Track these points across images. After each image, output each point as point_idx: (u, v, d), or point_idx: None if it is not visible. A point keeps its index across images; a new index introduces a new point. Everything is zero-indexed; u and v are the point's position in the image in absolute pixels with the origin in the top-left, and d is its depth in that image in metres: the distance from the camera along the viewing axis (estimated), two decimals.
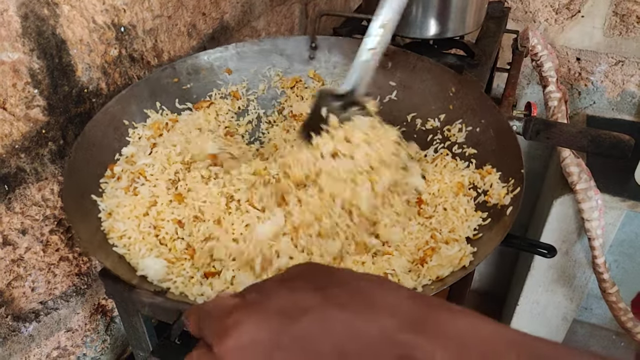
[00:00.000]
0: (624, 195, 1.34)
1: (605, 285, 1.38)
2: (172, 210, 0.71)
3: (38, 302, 0.77)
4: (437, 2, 1.09)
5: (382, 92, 0.95)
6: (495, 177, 0.73)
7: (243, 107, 0.96)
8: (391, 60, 0.94)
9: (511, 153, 0.72)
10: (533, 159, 1.86)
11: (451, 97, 0.86)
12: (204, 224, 0.69)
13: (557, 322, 1.64)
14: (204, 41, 1.03)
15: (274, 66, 0.99)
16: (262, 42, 0.97)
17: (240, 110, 0.95)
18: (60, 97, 0.73)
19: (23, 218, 0.71)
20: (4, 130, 0.66)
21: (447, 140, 0.85)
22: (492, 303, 2.09)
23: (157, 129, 0.83)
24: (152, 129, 0.83)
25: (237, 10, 1.12)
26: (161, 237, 0.69)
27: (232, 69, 0.96)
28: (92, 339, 0.90)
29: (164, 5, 0.89)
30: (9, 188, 0.68)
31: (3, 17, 0.62)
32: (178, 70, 0.90)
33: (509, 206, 0.68)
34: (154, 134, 0.83)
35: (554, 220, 1.42)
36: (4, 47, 0.63)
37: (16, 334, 0.74)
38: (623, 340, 1.92)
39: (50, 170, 0.74)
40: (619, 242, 1.67)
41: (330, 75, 0.99)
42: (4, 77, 0.64)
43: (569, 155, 1.34)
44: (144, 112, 0.85)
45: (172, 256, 0.67)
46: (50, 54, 0.69)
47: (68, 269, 0.81)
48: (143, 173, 0.75)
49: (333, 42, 0.98)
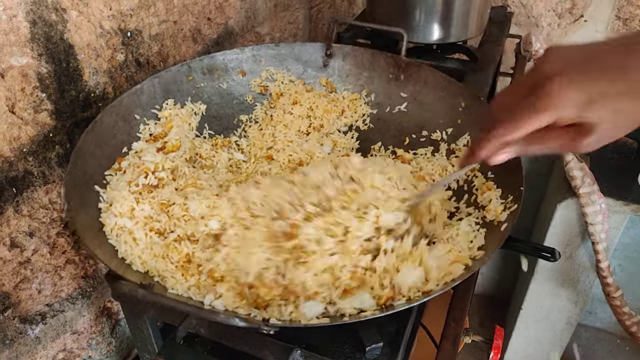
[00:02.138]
0: (628, 199, 1.34)
1: (610, 290, 1.38)
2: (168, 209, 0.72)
3: (44, 304, 0.77)
4: (440, 7, 1.10)
5: (393, 102, 0.96)
6: (495, 193, 0.73)
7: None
8: (404, 72, 0.95)
9: (512, 170, 0.72)
10: (536, 162, 1.86)
11: (460, 112, 0.87)
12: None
13: (561, 326, 1.63)
14: (208, 46, 1.04)
15: (289, 70, 1.00)
16: (278, 46, 0.98)
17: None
18: (67, 101, 0.74)
19: (30, 221, 0.72)
20: (13, 134, 0.66)
21: (452, 153, 0.85)
22: (495, 307, 2.08)
23: (169, 127, 0.84)
24: (165, 126, 0.84)
25: (242, 15, 1.13)
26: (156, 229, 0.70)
27: (246, 71, 0.97)
28: (97, 341, 0.90)
29: (169, 10, 0.90)
30: (17, 191, 0.69)
31: (12, 23, 0.63)
32: (193, 69, 0.91)
33: (504, 222, 0.67)
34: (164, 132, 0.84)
35: (557, 224, 1.42)
36: (13, 52, 0.64)
37: (23, 336, 0.74)
38: (628, 345, 1.91)
39: (58, 174, 0.74)
40: (623, 246, 1.66)
41: (342, 82, 1.00)
42: (13, 81, 0.65)
43: (572, 159, 1.34)
44: (155, 108, 0.86)
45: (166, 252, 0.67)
46: (58, 58, 0.70)
47: (74, 272, 0.81)
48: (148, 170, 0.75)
49: (348, 50, 0.99)
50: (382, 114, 0.96)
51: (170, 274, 0.64)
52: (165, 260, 0.66)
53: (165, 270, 0.64)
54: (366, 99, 0.98)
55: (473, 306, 2.05)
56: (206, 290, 0.62)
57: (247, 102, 0.97)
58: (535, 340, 1.71)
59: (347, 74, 1.00)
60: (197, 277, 0.64)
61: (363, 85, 0.99)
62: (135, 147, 0.81)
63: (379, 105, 0.97)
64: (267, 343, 0.64)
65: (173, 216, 0.70)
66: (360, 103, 0.97)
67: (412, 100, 0.94)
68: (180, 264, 0.66)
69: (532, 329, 1.69)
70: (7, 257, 0.70)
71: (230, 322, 0.51)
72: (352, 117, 0.95)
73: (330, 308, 0.59)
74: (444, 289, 0.58)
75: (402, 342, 0.64)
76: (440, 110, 0.90)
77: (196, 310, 0.55)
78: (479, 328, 2.03)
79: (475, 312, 2.08)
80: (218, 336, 0.67)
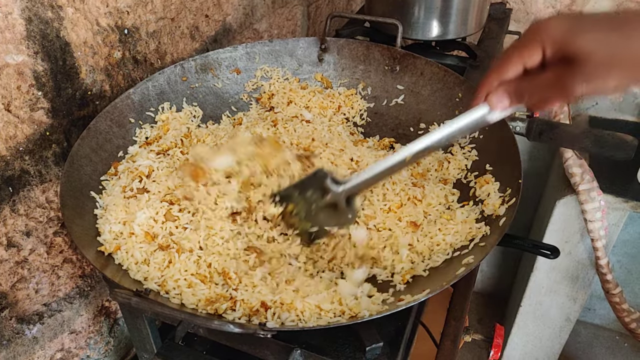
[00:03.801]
0: (627, 196, 1.34)
1: (609, 286, 1.38)
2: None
3: (42, 304, 0.77)
4: (439, 4, 1.09)
5: (389, 95, 0.95)
6: (493, 186, 0.73)
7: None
8: (399, 63, 0.94)
9: (511, 162, 0.71)
10: (535, 159, 1.86)
11: (457, 103, 0.87)
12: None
13: (560, 323, 1.63)
14: (206, 43, 1.03)
15: (283, 67, 0.99)
16: (272, 42, 0.98)
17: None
18: (64, 99, 0.73)
19: (27, 220, 0.71)
20: (9, 133, 0.66)
21: (450, 145, 0.85)
22: (495, 304, 2.08)
23: (165, 130, 0.84)
24: (161, 129, 0.84)
25: (239, 12, 1.12)
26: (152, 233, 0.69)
27: (241, 69, 0.96)
28: (95, 340, 0.90)
29: (167, 7, 0.89)
30: (14, 190, 0.68)
31: (7, 20, 0.62)
32: (187, 69, 0.91)
33: (502, 217, 0.67)
34: (159, 135, 0.83)
35: (556, 221, 1.42)
36: (9, 50, 0.63)
37: (20, 336, 0.74)
38: (626, 341, 1.92)
39: (54, 173, 0.74)
40: (622, 242, 1.66)
41: (338, 77, 0.99)
42: (9, 79, 0.64)
43: (571, 156, 1.34)
44: (150, 111, 0.86)
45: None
46: (54, 56, 0.69)
47: (72, 271, 0.81)
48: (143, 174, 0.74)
49: (342, 44, 0.98)
50: (379, 107, 0.95)
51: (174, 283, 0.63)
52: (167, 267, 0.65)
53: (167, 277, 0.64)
54: (363, 93, 0.97)
55: (472, 303, 2.05)
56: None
57: (242, 100, 0.96)
58: (535, 337, 1.71)
59: (343, 67, 0.99)
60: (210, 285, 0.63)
61: (359, 79, 0.98)
62: (130, 151, 0.80)
63: (375, 98, 0.96)
64: (267, 343, 0.63)
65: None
66: (356, 98, 0.96)
67: (409, 92, 0.93)
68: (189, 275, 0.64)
69: (531, 325, 1.69)
70: (4, 257, 0.69)
71: (224, 328, 0.51)
72: (349, 112, 0.95)
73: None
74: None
75: (402, 342, 0.64)
76: (437, 102, 0.90)
77: (190, 317, 0.54)
78: (477, 325, 2.03)
79: (474, 309, 2.08)
80: (218, 336, 0.67)
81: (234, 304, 0.58)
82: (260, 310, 0.57)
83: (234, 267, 0.63)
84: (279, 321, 0.56)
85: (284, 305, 0.57)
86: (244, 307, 0.58)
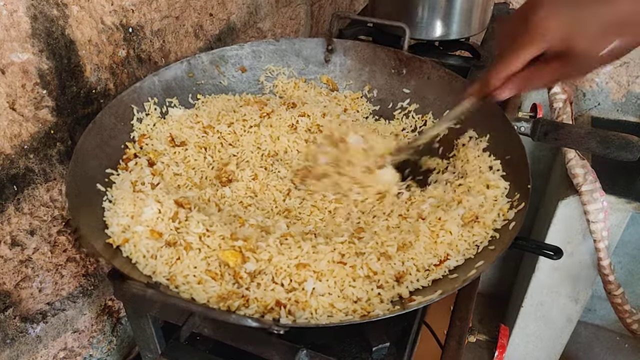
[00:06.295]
0: (630, 197, 1.34)
1: (611, 287, 1.38)
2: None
3: (45, 303, 0.77)
4: (443, 4, 1.09)
5: (395, 98, 0.95)
6: (495, 192, 0.72)
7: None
8: (406, 66, 0.94)
9: (519, 167, 0.71)
10: (538, 160, 1.86)
11: None
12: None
13: (561, 323, 1.63)
14: (210, 42, 1.03)
15: (289, 67, 0.99)
16: (279, 42, 0.97)
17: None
18: (68, 97, 0.73)
19: (31, 219, 0.71)
20: (13, 131, 0.65)
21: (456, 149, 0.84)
22: (496, 304, 2.08)
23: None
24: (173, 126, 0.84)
25: (243, 11, 1.12)
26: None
27: (246, 67, 0.96)
28: (98, 339, 0.90)
29: (171, 5, 0.89)
30: (18, 189, 0.68)
31: (13, 18, 0.62)
32: (193, 65, 0.90)
33: (512, 221, 0.66)
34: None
35: (559, 222, 1.42)
36: (14, 48, 0.63)
37: (24, 335, 0.74)
38: (627, 342, 1.92)
39: (59, 171, 0.74)
40: (624, 243, 1.67)
41: (344, 78, 0.99)
42: (14, 77, 0.64)
43: (574, 157, 1.34)
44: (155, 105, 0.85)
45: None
46: (59, 54, 0.69)
47: (75, 270, 0.81)
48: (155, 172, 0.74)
49: (349, 45, 0.98)
50: (385, 110, 0.95)
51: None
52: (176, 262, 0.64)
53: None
54: (369, 95, 0.97)
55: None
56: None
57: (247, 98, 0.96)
58: (536, 337, 1.71)
59: (349, 69, 0.99)
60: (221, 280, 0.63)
61: (365, 81, 0.98)
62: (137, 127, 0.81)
63: (381, 101, 0.96)
64: (272, 343, 0.63)
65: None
66: (362, 102, 0.96)
67: (415, 96, 0.93)
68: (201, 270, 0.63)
69: (532, 326, 1.69)
70: (8, 256, 0.69)
71: (242, 322, 0.50)
72: (354, 115, 0.95)
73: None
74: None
75: (408, 342, 0.63)
76: (443, 107, 0.89)
77: (207, 311, 0.54)
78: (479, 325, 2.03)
79: (475, 309, 2.07)
80: (223, 336, 0.67)
81: (246, 302, 0.58)
82: (275, 308, 0.57)
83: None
84: (292, 318, 0.56)
85: (299, 304, 0.57)
86: (257, 305, 0.57)
